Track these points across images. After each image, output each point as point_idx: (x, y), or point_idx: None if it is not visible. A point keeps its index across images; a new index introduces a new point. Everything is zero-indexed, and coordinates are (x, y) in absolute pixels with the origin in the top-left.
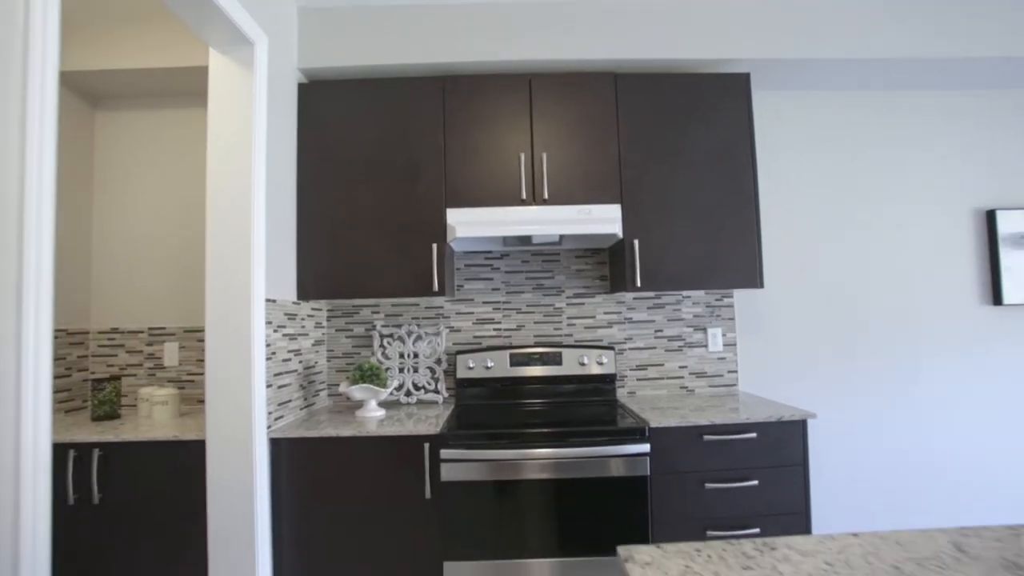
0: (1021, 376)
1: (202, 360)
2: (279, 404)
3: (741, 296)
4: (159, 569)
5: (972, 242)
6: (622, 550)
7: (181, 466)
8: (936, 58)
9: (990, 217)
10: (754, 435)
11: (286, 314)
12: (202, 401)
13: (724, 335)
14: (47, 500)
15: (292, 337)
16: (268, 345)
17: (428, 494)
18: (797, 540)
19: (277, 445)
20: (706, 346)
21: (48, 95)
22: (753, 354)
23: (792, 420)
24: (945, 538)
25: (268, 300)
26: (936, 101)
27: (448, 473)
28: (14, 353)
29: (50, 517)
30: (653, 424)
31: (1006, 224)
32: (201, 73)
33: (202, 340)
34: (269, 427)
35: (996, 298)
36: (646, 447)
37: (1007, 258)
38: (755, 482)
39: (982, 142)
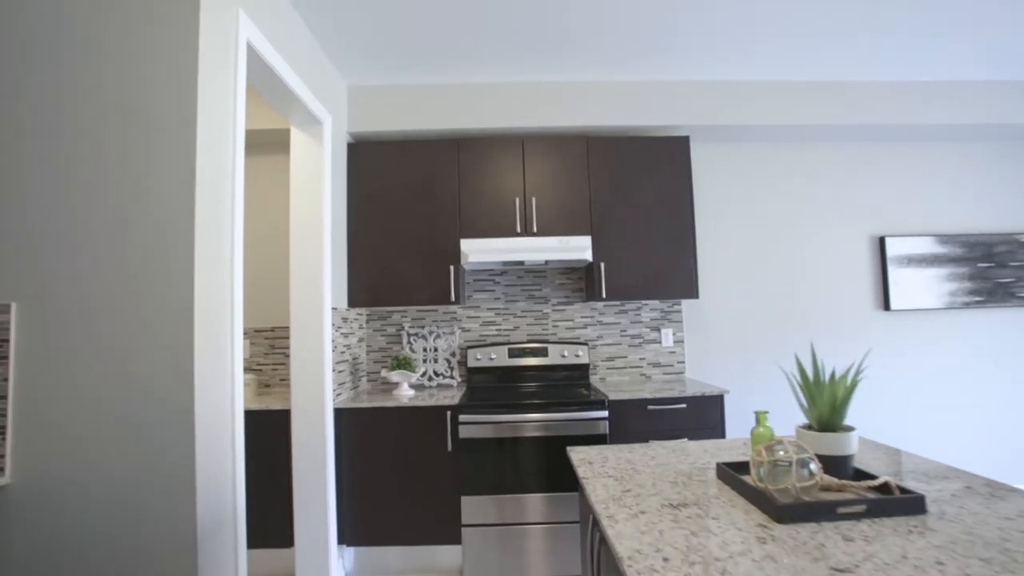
0: (905, 363)
1: (268, 353)
2: (338, 384)
3: (688, 304)
4: (259, 490)
5: (868, 262)
6: (571, 451)
7: (267, 429)
8: (838, 124)
9: (881, 242)
10: (684, 406)
11: (342, 318)
12: (268, 385)
13: (674, 334)
14: (242, 441)
15: (345, 335)
16: (332, 341)
17: (450, 448)
18: (654, 447)
19: (339, 413)
20: (660, 343)
21: (239, 160)
22: (697, 349)
23: (712, 395)
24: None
25: (333, 308)
26: (839, 153)
27: (464, 432)
28: (229, 346)
29: (244, 450)
30: (611, 398)
31: (893, 248)
32: (278, 132)
33: (268, 338)
34: (333, 400)
35: (886, 305)
36: (605, 413)
37: (894, 274)
38: (685, 439)
39: (875, 184)
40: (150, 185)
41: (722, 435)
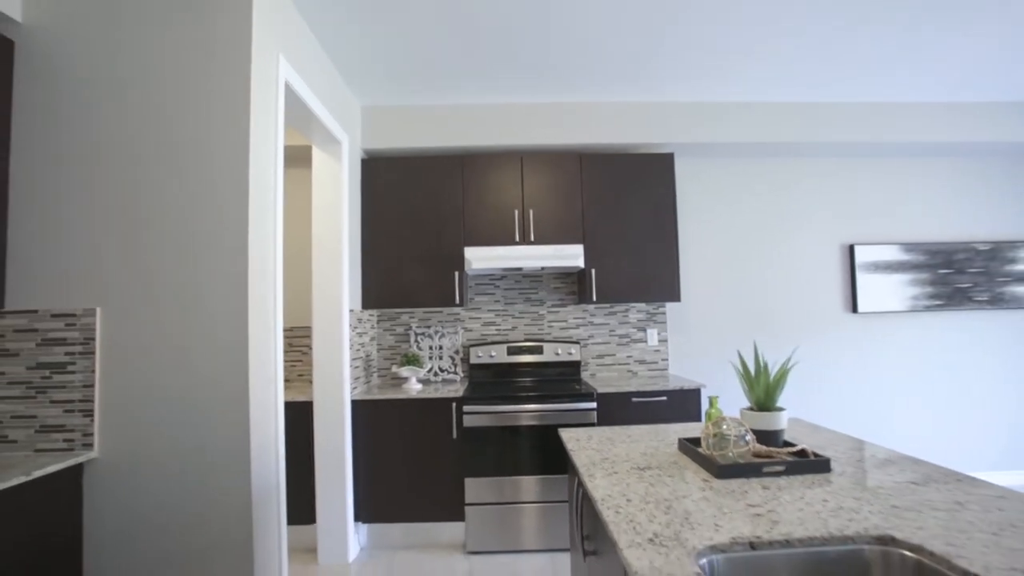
0: (871, 360)
1: (286, 351)
2: (354, 379)
3: (672, 307)
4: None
5: (839, 268)
6: (562, 431)
7: (289, 419)
8: (810, 142)
9: (851, 250)
10: (665, 399)
11: (356, 319)
12: (287, 380)
13: (659, 334)
14: (283, 425)
15: (359, 334)
16: (349, 339)
17: (454, 435)
18: (632, 429)
19: (355, 404)
20: (646, 342)
21: (280, 184)
22: (680, 348)
23: (690, 389)
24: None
25: (349, 310)
26: (812, 167)
27: (468, 421)
28: (273, 345)
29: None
30: (600, 391)
31: (861, 255)
32: (299, 148)
33: (286, 337)
34: (350, 393)
35: (854, 308)
36: (594, 405)
37: (862, 280)
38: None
39: (845, 196)
40: (212, 206)
41: None
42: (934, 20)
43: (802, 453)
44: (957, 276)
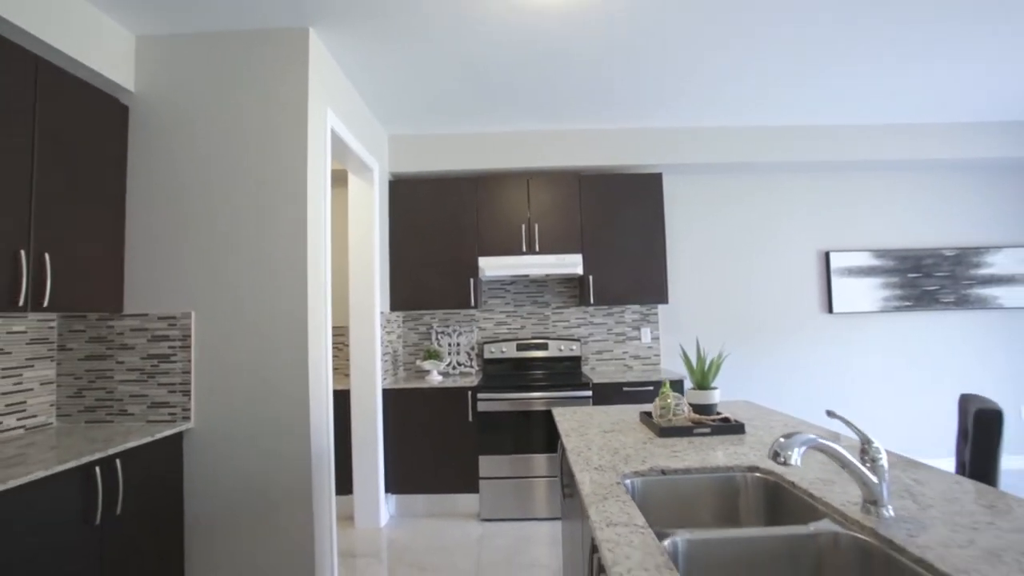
0: (844, 356)
1: None
2: (384, 372)
3: (663, 308)
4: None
5: (815, 272)
6: (554, 410)
7: (334, 404)
8: (787, 160)
9: (827, 256)
10: (651, 388)
11: (386, 319)
12: None
13: (651, 333)
14: (332, 405)
15: (388, 333)
16: (380, 337)
17: (470, 418)
18: (609, 407)
19: (386, 393)
20: (640, 340)
21: (328, 215)
22: (671, 346)
23: (675, 380)
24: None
25: (380, 312)
26: (790, 182)
27: (481, 407)
28: (324, 342)
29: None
30: (595, 382)
31: (836, 261)
32: (337, 172)
33: None
34: (381, 383)
35: (830, 309)
36: (590, 393)
37: (836, 283)
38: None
39: (821, 207)
40: (278, 231)
41: None
42: (895, 52)
43: (725, 420)
44: (925, 279)
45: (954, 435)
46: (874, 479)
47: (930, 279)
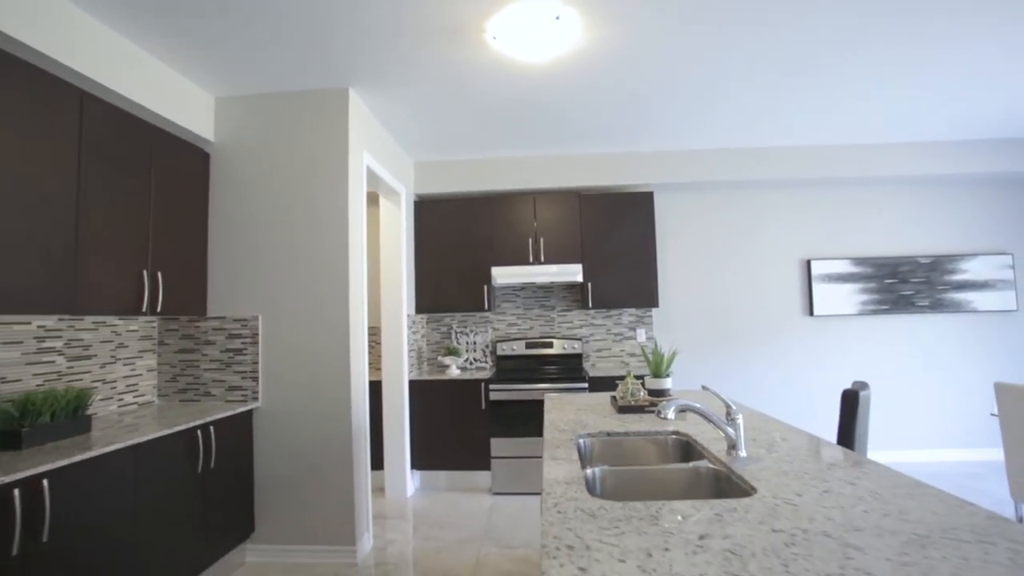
0: (824, 356)
1: None
2: (410, 365)
3: (657, 312)
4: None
5: (797, 279)
6: (546, 395)
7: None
8: (769, 178)
9: (808, 264)
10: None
11: (412, 320)
12: None
13: (646, 333)
14: (367, 391)
15: (413, 332)
16: (407, 336)
17: (483, 406)
18: (594, 394)
19: (412, 384)
20: (636, 339)
21: (363, 237)
22: (665, 345)
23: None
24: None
25: (407, 314)
26: (773, 196)
27: (493, 396)
28: (362, 340)
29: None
30: (592, 375)
31: (816, 268)
32: (370, 194)
33: None
34: (407, 375)
35: (811, 312)
36: (586, 385)
37: (817, 289)
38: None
39: (803, 219)
40: (326, 249)
41: None
42: (866, 80)
43: None
44: (901, 285)
45: (926, 427)
46: (731, 432)
47: (906, 284)
